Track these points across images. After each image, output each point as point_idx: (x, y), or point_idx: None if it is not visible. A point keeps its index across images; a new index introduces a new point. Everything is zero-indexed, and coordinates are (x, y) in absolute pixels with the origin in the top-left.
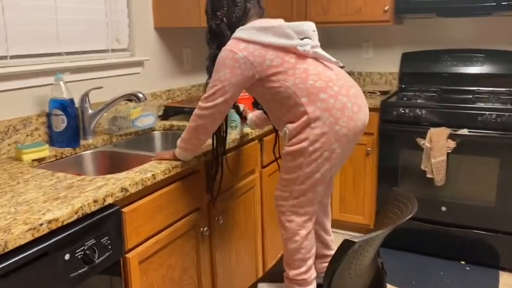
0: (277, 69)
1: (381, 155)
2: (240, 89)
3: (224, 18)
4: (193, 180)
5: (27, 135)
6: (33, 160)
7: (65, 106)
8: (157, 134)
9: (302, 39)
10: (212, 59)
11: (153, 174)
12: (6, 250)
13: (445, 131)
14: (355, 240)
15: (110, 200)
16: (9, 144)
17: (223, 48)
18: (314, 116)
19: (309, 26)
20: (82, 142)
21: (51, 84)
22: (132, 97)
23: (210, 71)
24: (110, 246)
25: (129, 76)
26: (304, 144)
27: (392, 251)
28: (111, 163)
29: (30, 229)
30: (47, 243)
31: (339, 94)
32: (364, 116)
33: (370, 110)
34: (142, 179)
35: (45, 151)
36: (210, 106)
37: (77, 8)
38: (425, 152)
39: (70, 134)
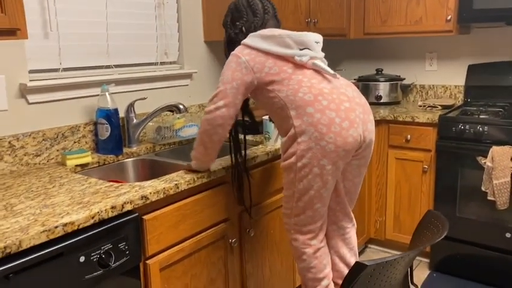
0: (274, 77)
1: (438, 173)
2: (241, 95)
3: (243, 28)
4: (222, 191)
5: (75, 142)
6: (77, 165)
7: (109, 116)
8: None
9: (302, 49)
10: None
11: (176, 184)
12: (21, 249)
13: (509, 150)
14: (367, 263)
15: (128, 207)
16: (57, 150)
17: (231, 53)
18: (300, 130)
19: (311, 37)
20: (126, 150)
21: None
22: (173, 108)
23: None
24: (127, 252)
25: (178, 88)
26: (292, 159)
27: (449, 277)
28: (151, 171)
29: (45, 231)
30: (62, 245)
31: (326, 109)
32: (357, 133)
33: (428, 125)
34: (164, 188)
35: (88, 157)
36: (211, 110)
37: (128, 23)
38: (487, 172)
39: (113, 142)
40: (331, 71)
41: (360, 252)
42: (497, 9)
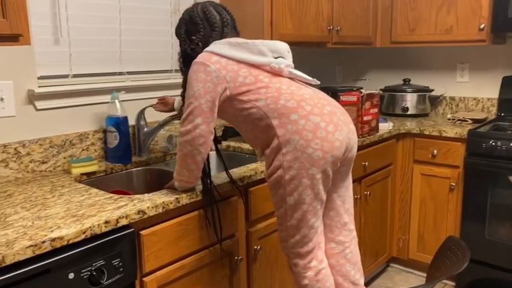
0: (250, 87)
1: (466, 191)
2: (216, 107)
3: (200, 43)
4: (227, 206)
5: (83, 150)
6: (83, 174)
7: (118, 123)
8: (212, 154)
9: (276, 57)
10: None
11: (176, 198)
12: (4, 265)
13: None
14: None
15: (124, 222)
16: (64, 158)
17: (194, 61)
18: (284, 139)
19: (283, 46)
20: (135, 159)
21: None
22: None
23: (184, 96)
24: (121, 269)
25: None
26: (279, 172)
27: None
28: (159, 181)
29: (32, 246)
30: (49, 261)
31: (310, 114)
32: (342, 136)
33: (456, 139)
34: (163, 202)
35: (94, 166)
36: (189, 130)
37: (142, 30)
38: None
39: (122, 151)
40: (309, 77)
41: (381, 271)
42: None
